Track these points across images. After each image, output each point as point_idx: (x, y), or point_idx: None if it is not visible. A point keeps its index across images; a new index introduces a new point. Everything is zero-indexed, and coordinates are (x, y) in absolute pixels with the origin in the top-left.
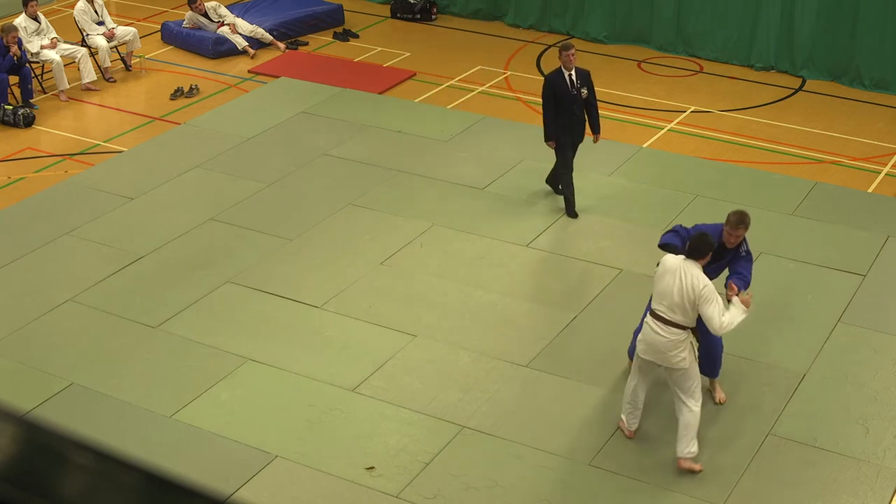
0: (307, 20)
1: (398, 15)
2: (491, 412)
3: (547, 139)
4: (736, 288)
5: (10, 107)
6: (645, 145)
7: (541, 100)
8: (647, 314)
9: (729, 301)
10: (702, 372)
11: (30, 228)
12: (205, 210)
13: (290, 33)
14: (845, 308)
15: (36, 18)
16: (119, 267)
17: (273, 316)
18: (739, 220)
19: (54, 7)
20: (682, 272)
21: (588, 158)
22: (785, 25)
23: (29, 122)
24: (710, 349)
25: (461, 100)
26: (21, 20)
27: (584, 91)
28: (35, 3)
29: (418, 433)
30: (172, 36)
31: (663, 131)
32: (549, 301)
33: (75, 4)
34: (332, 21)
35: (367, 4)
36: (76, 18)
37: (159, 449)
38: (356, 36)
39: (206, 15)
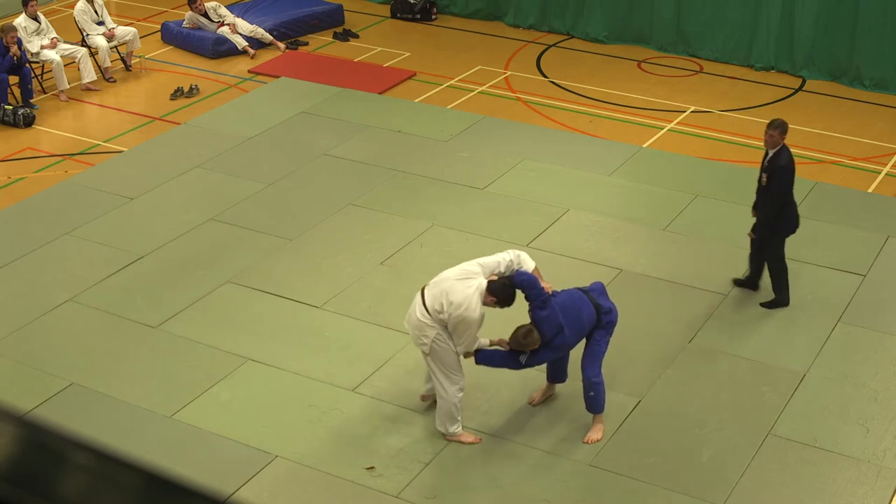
0: (307, 20)
1: (398, 15)
2: (491, 412)
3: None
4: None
5: (10, 107)
6: (645, 145)
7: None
8: (423, 290)
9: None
10: (551, 380)
11: (30, 228)
12: (205, 210)
13: (290, 33)
14: (845, 308)
15: (36, 18)
16: (119, 267)
17: (273, 316)
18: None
19: (54, 7)
20: (474, 286)
21: (588, 158)
22: (785, 25)
23: (29, 122)
24: (583, 386)
25: (461, 100)
26: (21, 20)
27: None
28: (35, 3)
29: (418, 433)
30: (172, 36)
31: (663, 131)
32: None
33: (75, 4)
34: (332, 21)
35: (367, 4)
36: (76, 18)
37: (159, 449)
38: (356, 36)
39: (206, 15)
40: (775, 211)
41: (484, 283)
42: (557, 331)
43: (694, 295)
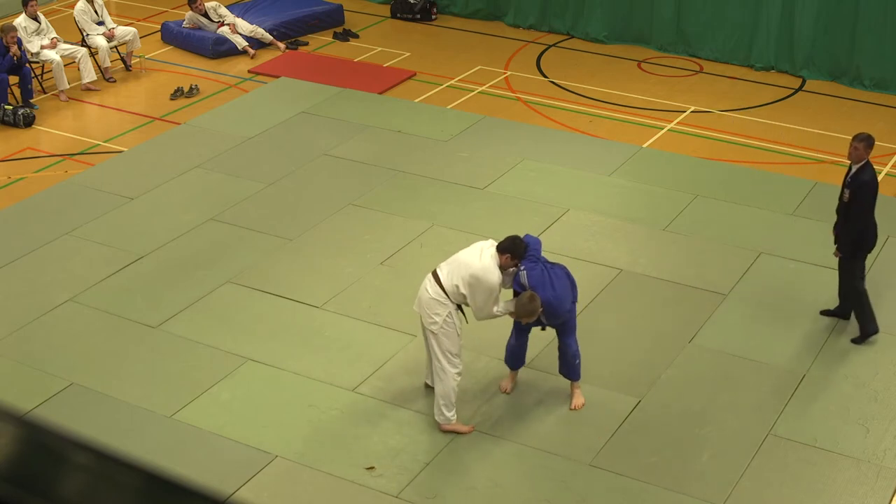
0: (307, 20)
1: (398, 15)
2: (491, 412)
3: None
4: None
5: (10, 107)
6: (645, 145)
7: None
8: (435, 271)
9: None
10: (560, 372)
11: (30, 228)
12: (205, 210)
13: (290, 33)
14: None
15: (36, 18)
16: (119, 267)
17: (273, 316)
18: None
19: (54, 7)
20: (487, 255)
21: (588, 158)
22: (785, 25)
23: (29, 122)
24: (564, 351)
25: (461, 100)
26: (21, 20)
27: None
28: (35, 3)
29: (418, 433)
30: (172, 36)
31: (663, 131)
32: None
33: (75, 4)
34: (332, 21)
35: (367, 4)
36: (76, 18)
37: (159, 449)
38: (356, 36)
39: (206, 15)
40: (860, 229)
41: (494, 251)
42: (550, 289)
43: (694, 295)
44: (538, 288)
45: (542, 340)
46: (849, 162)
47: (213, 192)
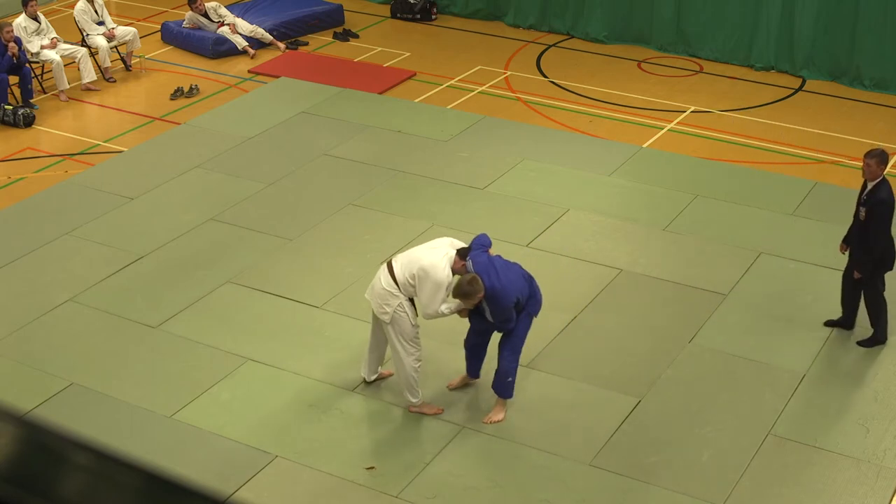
0: (307, 20)
1: (398, 15)
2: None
3: (888, 267)
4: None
5: (10, 107)
6: (645, 145)
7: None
8: (390, 262)
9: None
10: (492, 387)
11: (30, 228)
12: (205, 210)
13: (290, 33)
14: None
15: (36, 18)
16: (119, 267)
17: (273, 316)
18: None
19: (54, 7)
20: (443, 253)
21: (588, 158)
22: (785, 25)
23: (29, 122)
24: (499, 364)
25: (461, 100)
26: (21, 20)
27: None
28: (35, 2)
29: (418, 433)
30: (172, 36)
31: (663, 131)
32: (550, 301)
33: (75, 4)
34: (332, 21)
35: (367, 4)
36: (76, 18)
37: (159, 449)
38: (356, 36)
39: (206, 15)
40: (881, 247)
41: (453, 252)
42: (495, 277)
43: (694, 295)
44: (482, 275)
45: (542, 340)
46: (863, 179)
47: (213, 192)
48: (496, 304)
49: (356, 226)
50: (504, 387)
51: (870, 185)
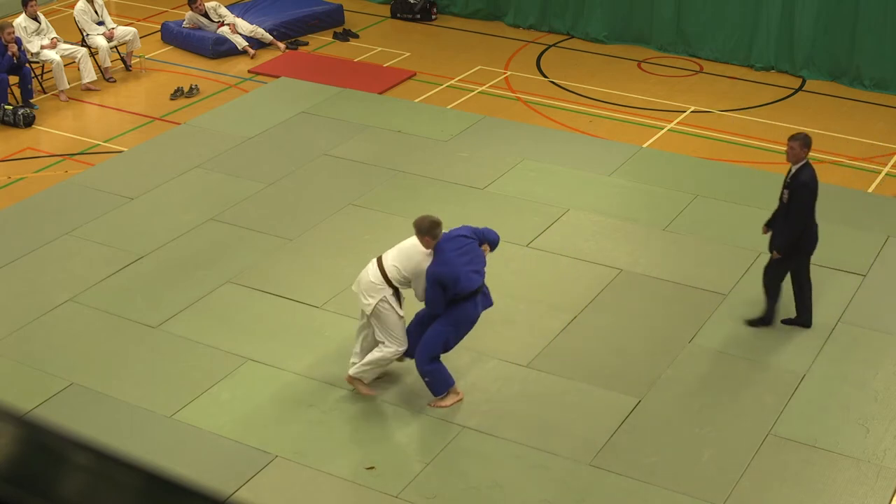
0: (307, 20)
1: (398, 15)
2: (491, 412)
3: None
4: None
5: (10, 107)
6: (645, 145)
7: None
8: (380, 258)
9: None
10: (410, 353)
11: (30, 228)
12: (205, 210)
13: (290, 33)
14: (845, 308)
15: (36, 18)
16: (119, 267)
17: (273, 316)
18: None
19: (54, 7)
20: (415, 241)
21: (588, 158)
22: (785, 25)
23: (29, 122)
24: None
25: (461, 100)
26: (21, 20)
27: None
28: (35, 3)
29: (418, 433)
30: (172, 36)
31: (663, 131)
32: (549, 301)
33: (75, 4)
34: (332, 21)
35: (367, 4)
36: (76, 18)
37: (159, 449)
38: (356, 36)
39: (206, 15)
40: (799, 230)
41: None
42: (456, 254)
43: (694, 295)
44: (455, 245)
45: (542, 340)
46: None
47: (213, 192)
48: (432, 266)
49: (356, 226)
50: (428, 387)
51: (794, 169)
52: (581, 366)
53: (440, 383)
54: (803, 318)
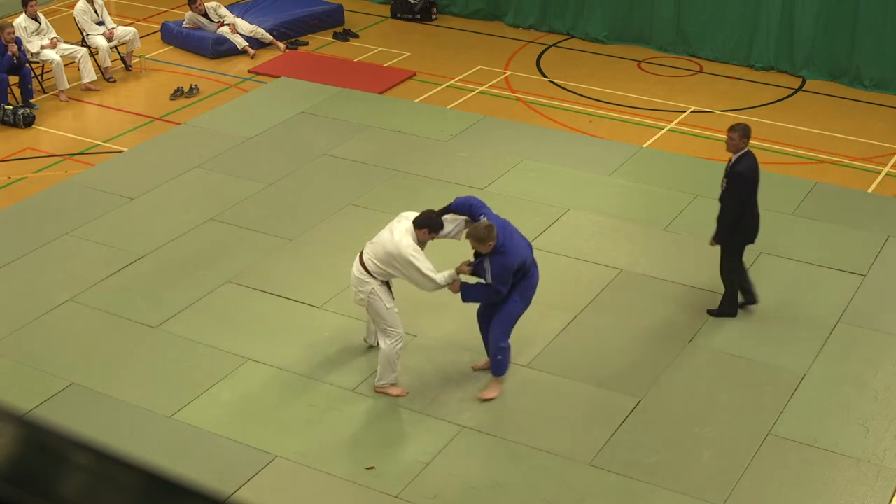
0: (307, 20)
1: (398, 15)
2: (491, 412)
3: (744, 241)
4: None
5: (10, 107)
6: (645, 145)
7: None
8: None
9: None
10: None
11: (30, 228)
12: (205, 210)
13: (290, 33)
14: (845, 308)
15: (36, 18)
16: (119, 267)
17: (273, 316)
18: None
19: (54, 7)
20: (401, 230)
21: (588, 158)
22: (785, 25)
23: (29, 122)
24: (488, 342)
25: (461, 100)
26: (21, 20)
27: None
28: (35, 2)
29: (418, 433)
30: (172, 36)
31: (663, 131)
32: (549, 301)
33: (75, 4)
34: (332, 21)
35: (367, 4)
36: (76, 18)
37: (159, 449)
38: (356, 36)
39: (206, 15)
40: (732, 218)
41: (409, 223)
42: (507, 235)
43: (694, 295)
44: (497, 228)
45: (542, 340)
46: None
47: (213, 192)
48: (502, 259)
49: (356, 226)
50: (495, 365)
51: (733, 158)
52: (581, 366)
53: (505, 366)
54: (727, 309)
